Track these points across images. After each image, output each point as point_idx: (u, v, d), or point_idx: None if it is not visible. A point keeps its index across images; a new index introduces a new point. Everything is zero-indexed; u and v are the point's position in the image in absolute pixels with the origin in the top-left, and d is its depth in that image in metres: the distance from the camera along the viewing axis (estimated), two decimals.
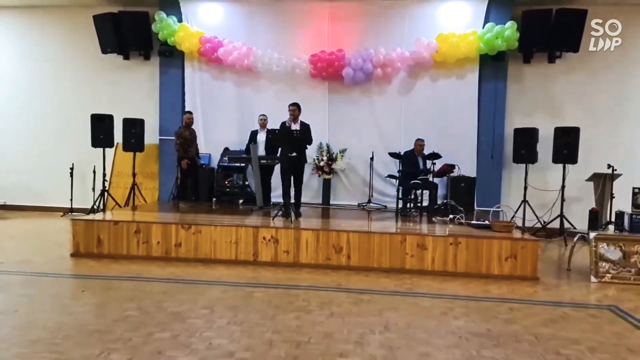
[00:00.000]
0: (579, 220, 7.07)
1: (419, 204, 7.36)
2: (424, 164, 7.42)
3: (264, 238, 5.46)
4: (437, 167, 7.50)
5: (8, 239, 6.77)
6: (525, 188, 7.55)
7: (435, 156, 7.34)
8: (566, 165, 7.42)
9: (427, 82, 8.29)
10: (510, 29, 7.73)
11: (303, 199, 6.93)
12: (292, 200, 6.46)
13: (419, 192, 7.33)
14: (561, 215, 7.43)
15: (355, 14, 8.29)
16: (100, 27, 8.41)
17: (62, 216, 8.33)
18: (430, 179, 7.41)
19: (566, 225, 7.39)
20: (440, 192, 7.89)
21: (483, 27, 7.91)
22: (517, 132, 7.68)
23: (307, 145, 6.60)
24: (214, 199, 7.76)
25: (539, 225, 7.50)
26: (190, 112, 7.77)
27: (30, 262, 5.31)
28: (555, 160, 7.48)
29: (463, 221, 6.20)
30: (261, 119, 7.57)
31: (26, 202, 8.96)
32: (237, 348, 3.09)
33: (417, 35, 8.01)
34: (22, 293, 4.20)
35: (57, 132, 8.98)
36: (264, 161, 7.14)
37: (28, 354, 2.94)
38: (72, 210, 8.36)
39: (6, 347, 3.03)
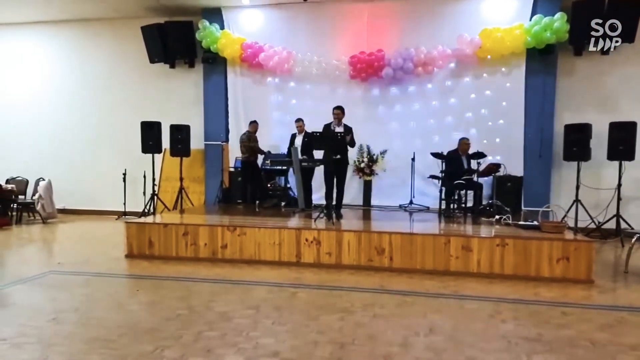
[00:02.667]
0: (637, 220, 6.67)
1: (463, 205, 7.20)
2: (468, 163, 7.24)
3: (306, 240, 5.52)
4: (482, 166, 7.29)
5: (68, 241, 7.23)
6: (578, 187, 7.20)
7: (480, 155, 7.14)
8: (622, 162, 7.02)
9: (471, 80, 8.09)
10: (560, 20, 7.40)
11: (344, 201, 6.95)
12: (334, 202, 6.49)
13: (462, 192, 7.16)
14: (617, 215, 7.03)
15: (394, 13, 8.23)
16: (148, 37, 8.82)
17: (116, 219, 8.78)
18: (475, 178, 7.22)
19: (623, 225, 6.98)
20: (486, 192, 7.67)
21: (530, 20, 7.63)
22: (568, 128, 7.34)
23: (350, 147, 6.63)
24: (257, 202, 7.92)
25: (592, 225, 7.13)
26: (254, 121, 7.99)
27: (88, 263, 5.64)
28: (611, 157, 7.09)
29: (510, 222, 6.00)
30: (298, 125, 7.65)
31: (83, 207, 9.52)
32: (283, 348, 3.16)
33: (460, 32, 7.84)
34: (82, 292, 4.47)
35: (111, 139, 9.49)
36: (305, 164, 7.22)
37: (88, 350, 3.13)
38: (125, 213, 8.80)
39: (68, 344, 3.25)
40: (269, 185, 8.13)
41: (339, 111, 6.60)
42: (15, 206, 8.57)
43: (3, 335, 3.32)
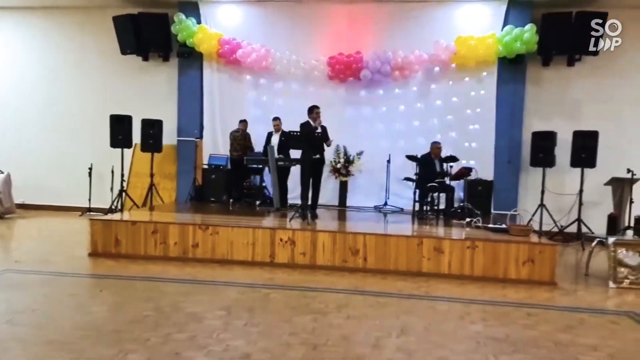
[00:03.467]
0: (597, 225, 6.93)
1: (436, 207, 7.30)
2: (441, 167, 7.36)
3: (280, 240, 5.47)
4: (454, 170, 7.43)
5: (26, 238, 6.92)
6: (543, 192, 7.44)
7: (452, 159, 7.28)
8: (584, 169, 7.29)
9: (445, 85, 8.24)
10: (529, 31, 7.63)
11: (319, 201, 6.93)
12: (309, 202, 6.46)
13: (435, 195, 7.27)
14: (579, 220, 7.30)
15: (374, 16, 8.29)
16: (120, 28, 8.53)
17: (80, 216, 8.45)
18: (447, 182, 7.35)
19: (584, 229, 7.25)
20: (457, 195, 7.81)
21: (502, 30, 7.83)
22: (535, 135, 7.57)
23: (326, 146, 6.60)
24: (231, 200, 7.80)
25: (556, 229, 7.37)
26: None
27: (48, 261, 5.39)
28: (574, 164, 7.36)
29: (480, 224, 6.12)
30: (275, 124, 7.60)
31: (44, 202, 9.11)
32: (254, 350, 3.10)
33: (436, 38, 7.96)
34: (40, 292, 4.25)
35: (76, 132, 9.13)
36: (282, 163, 7.16)
37: (45, 353, 2.97)
38: (90, 210, 8.48)
39: (24, 347, 3.08)
40: (244, 184, 8.03)
41: (319, 110, 6.55)
42: None
43: None
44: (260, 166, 7.75)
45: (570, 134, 7.36)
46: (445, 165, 7.35)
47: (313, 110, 6.52)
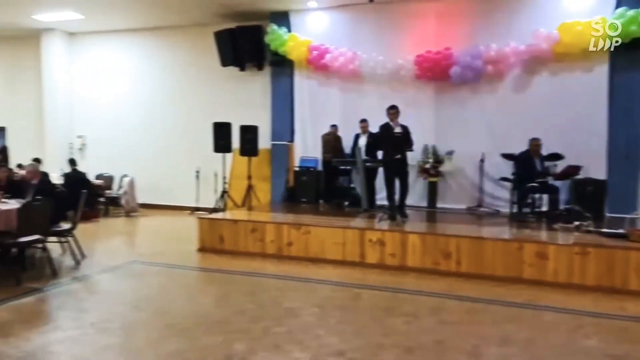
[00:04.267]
0: None
1: (538, 209, 6.80)
2: (542, 165, 6.83)
3: (370, 240, 5.52)
4: (559, 168, 6.85)
5: (147, 234, 7.81)
6: None
7: (556, 157, 6.71)
8: None
9: (546, 77, 7.62)
10: None
11: (408, 202, 6.83)
12: (397, 203, 6.41)
13: (537, 196, 6.77)
14: None
15: (464, 11, 7.96)
16: (220, 42, 9.23)
17: (189, 214, 9.31)
18: (551, 181, 6.80)
19: None
20: (562, 196, 7.18)
21: (614, 12, 7.04)
22: None
23: (409, 148, 6.48)
24: (321, 201, 8.04)
25: None
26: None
27: (164, 254, 6.03)
28: None
29: (591, 229, 5.58)
30: (362, 126, 7.66)
31: (160, 202, 10.18)
32: (348, 348, 3.19)
33: (535, 27, 7.41)
34: (158, 282, 4.81)
35: (185, 139, 10.07)
36: (368, 164, 7.21)
37: (165, 337, 3.37)
38: (197, 209, 9.31)
39: (148, 329, 3.52)
40: (334, 185, 8.22)
41: (395, 110, 6.45)
42: (102, 200, 9.38)
43: (91, 320, 3.66)
44: (349, 167, 7.87)
45: None
46: (547, 163, 6.81)
47: (388, 111, 6.46)
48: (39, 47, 10.53)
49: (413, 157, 7.39)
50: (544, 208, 6.88)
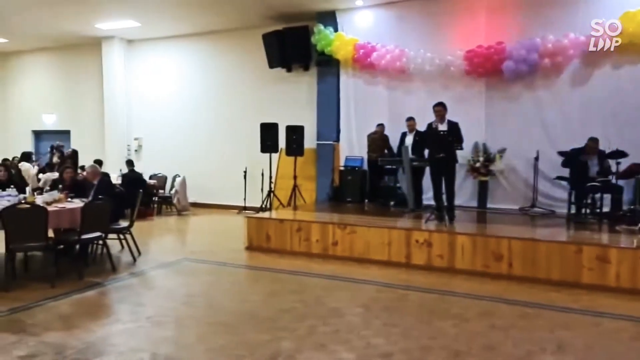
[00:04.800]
0: None
1: (598, 210, 6.41)
2: (601, 164, 6.42)
3: (416, 241, 5.43)
4: (623, 167, 6.41)
5: (197, 232, 8.12)
6: None
7: (620, 154, 6.29)
8: None
9: (608, 71, 7.16)
10: None
11: (457, 202, 6.65)
12: (445, 203, 6.26)
13: (597, 196, 6.39)
14: None
15: (517, 3, 7.64)
16: (268, 44, 9.40)
17: (237, 213, 9.57)
18: (614, 180, 6.39)
19: None
20: (627, 196, 6.72)
21: None
22: None
23: (459, 145, 6.24)
24: (366, 201, 8.00)
25: None
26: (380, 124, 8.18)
27: (214, 252, 6.23)
28: None
29: None
30: (409, 124, 7.53)
31: (210, 201, 10.54)
32: (394, 350, 3.16)
33: (595, 17, 6.98)
34: (208, 279, 4.98)
35: (234, 139, 10.36)
36: (415, 163, 7.09)
37: (214, 332, 3.48)
38: (245, 208, 9.55)
39: (197, 325, 3.65)
40: (380, 184, 8.16)
41: (440, 107, 6.25)
42: (156, 199, 9.83)
43: (148, 313, 3.85)
44: (395, 167, 7.77)
45: None
46: (611, 162, 6.40)
47: (434, 108, 6.29)
48: (100, 55, 11.22)
49: (463, 156, 7.20)
50: (606, 209, 6.49)
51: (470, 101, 7.81)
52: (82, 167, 9.04)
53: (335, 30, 8.83)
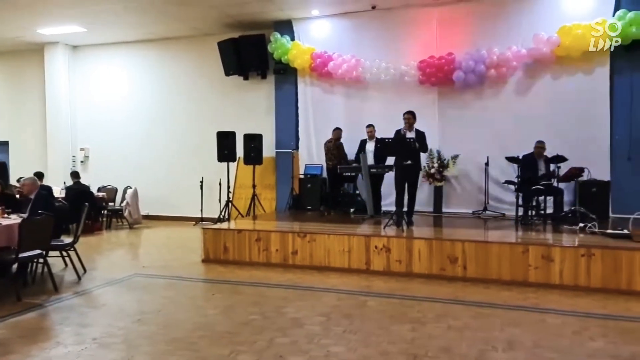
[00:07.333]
0: None
1: (543, 212, 6.78)
2: (547, 168, 6.81)
3: (375, 247, 5.51)
4: (563, 171, 6.82)
5: (150, 246, 7.82)
6: None
7: (560, 159, 6.70)
8: None
9: (548, 81, 7.65)
10: None
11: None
12: (405, 209, 6.41)
13: (541, 198, 6.75)
14: None
15: (465, 16, 8.01)
16: (224, 52, 9.31)
17: (194, 225, 9.32)
18: (555, 184, 6.77)
19: None
20: (567, 198, 7.15)
21: (613, 15, 7.05)
22: None
23: (423, 153, 6.52)
24: (322, 207, 8.02)
25: None
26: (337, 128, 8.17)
27: (169, 266, 6.03)
28: None
29: (596, 230, 5.55)
30: (369, 130, 7.67)
31: (164, 213, 10.21)
32: (354, 357, 3.18)
33: (536, 31, 7.42)
34: (163, 295, 4.79)
35: (189, 149, 10.11)
36: (374, 170, 7.21)
37: (170, 351, 3.35)
38: (202, 219, 9.31)
39: (152, 343, 3.50)
40: (339, 192, 8.22)
41: (409, 115, 6.54)
42: (105, 212, 9.40)
43: (93, 335, 3.63)
44: (354, 174, 7.86)
45: None
46: (552, 166, 6.79)
47: (403, 116, 6.52)
48: (42, 61, 10.67)
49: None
50: (549, 210, 6.87)
51: (425, 109, 8.05)
52: (20, 180, 8.51)
53: (292, 39, 8.87)
